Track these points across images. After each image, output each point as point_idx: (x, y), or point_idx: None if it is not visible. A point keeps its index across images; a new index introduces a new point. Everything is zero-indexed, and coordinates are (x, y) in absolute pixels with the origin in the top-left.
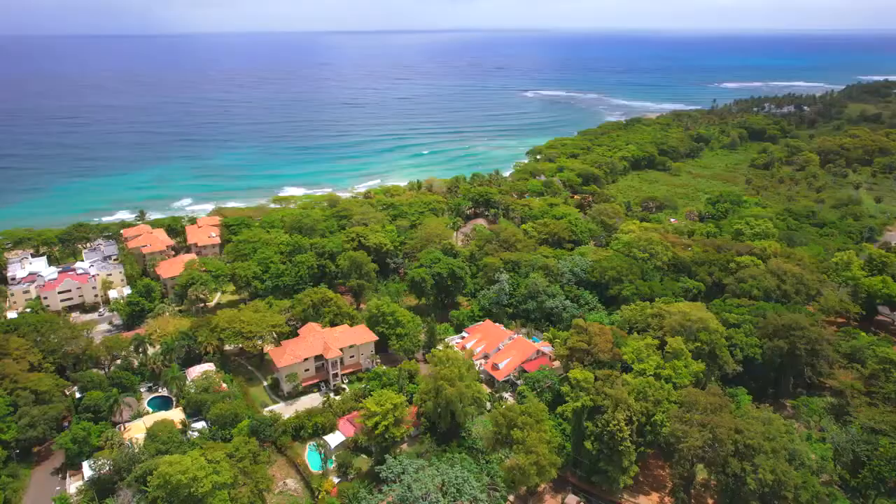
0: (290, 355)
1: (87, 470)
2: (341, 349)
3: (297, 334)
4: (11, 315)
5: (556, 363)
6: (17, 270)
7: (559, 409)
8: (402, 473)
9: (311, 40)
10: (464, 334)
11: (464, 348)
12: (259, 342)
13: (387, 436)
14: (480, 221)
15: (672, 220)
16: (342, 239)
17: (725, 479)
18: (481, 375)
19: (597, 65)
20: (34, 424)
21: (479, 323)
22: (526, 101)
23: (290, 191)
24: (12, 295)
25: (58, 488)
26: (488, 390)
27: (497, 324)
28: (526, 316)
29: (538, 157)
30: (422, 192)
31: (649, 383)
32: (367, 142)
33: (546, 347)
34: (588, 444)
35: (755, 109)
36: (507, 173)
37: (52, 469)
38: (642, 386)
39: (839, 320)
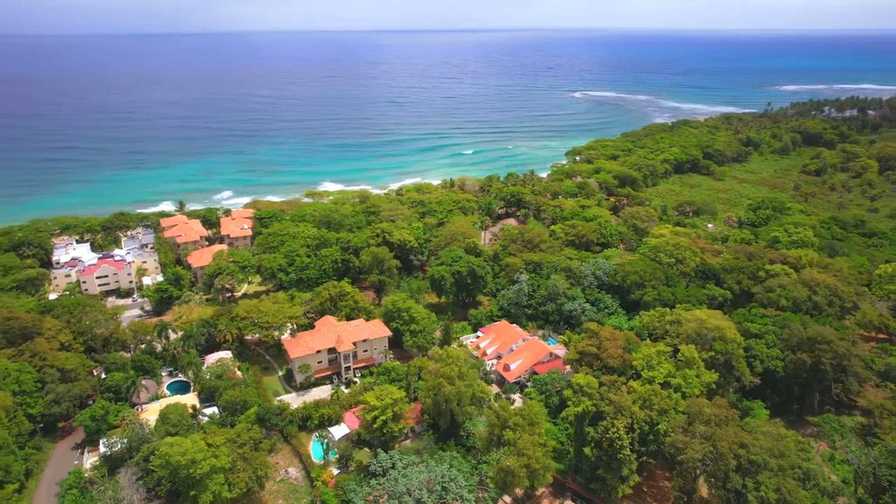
0: (303, 346)
1: (102, 447)
2: (354, 343)
3: (313, 326)
4: (53, 297)
5: (569, 367)
6: (61, 255)
7: (563, 413)
8: (392, 468)
9: (363, 40)
10: (479, 333)
11: (477, 347)
12: (276, 333)
13: (384, 430)
14: (511, 222)
15: (709, 225)
16: (367, 234)
17: (726, 494)
18: (492, 375)
19: (650, 66)
20: (59, 401)
21: (494, 323)
22: (573, 101)
23: (327, 186)
24: (55, 278)
25: (76, 462)
26: (497, 390)
27: (513, 325)
28: (545, 318)
29: (577, 158)
30: (453, 190)
31: (655, 391)
32: (408, 140)
33: (560, 350)
34: (587, 451)
35: (813, 113)
36: (544, 174)
37: (74, 444)
38: (648, 394)
39: (879, 336)
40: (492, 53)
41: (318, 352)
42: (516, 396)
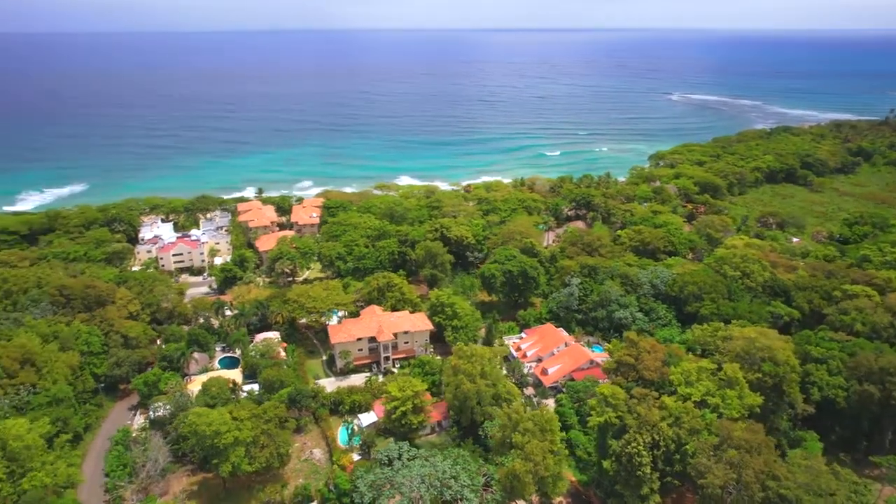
0: (344, 333)
1: (150, 411)
2: (395, 334)
3: (359, 314)
4: (135, 269)
5: (608, 376)
6: (146, 232)
7: (589, 423)
8: (398, 458)
9: (461, 38)
10: (522, 335)
11: (519, 348)
12: (323, 318)
13: (403, 421)
14: (579, 224)
15: (794, 239)
16: (426, 229)
17: None
18: (529, 378)
19: (758, 68)
20: (120, 364)
21: (540, 325)
22: (670, 104)
23: (404, 180)
24: (138, 253)
25: (128, 422)
26: (530, 393)
27: (559, 329)
28: (595, 324)
29: (660, 162)
30: (522, 189)
31: (687, 409)
32: (493, 139)
33: (603, 359)
34: (606, 464)
35: None
36: (623, 177)
37: (130, 406)
38: (679, 411)
39: None
40: (589, 53)
41: (359, 339)
42: (549, 401)
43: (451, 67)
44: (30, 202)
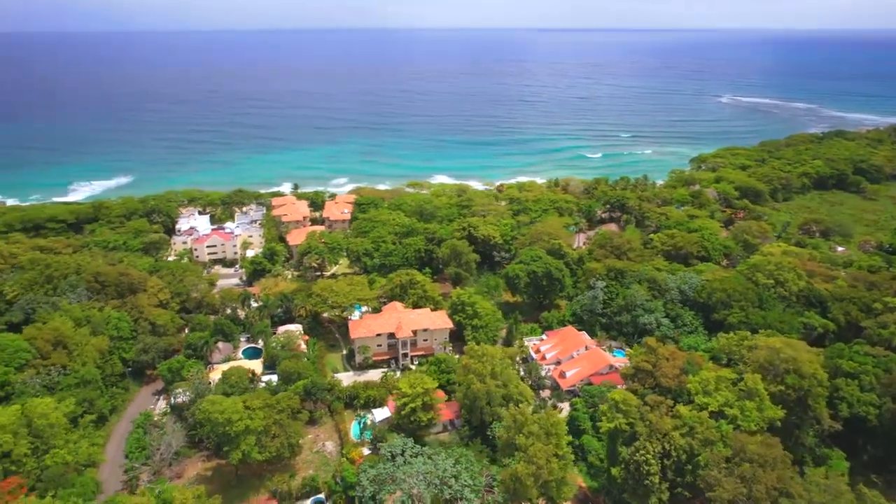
0: (363, 328)
1: (171, 396)
2: (414, 331)
3: (380, 310)
4: (170, 259)
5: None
6: (183, 224)
7: (600, 427)
8: (401, 454)
9: (504, 37)
10: (543, 336)
11: (538, 350)
12: (345, 312)
13: (413, 418)
14: (612, 227)
15: (839, 248)
16: (454, 227)
17: None
18: (547, 381)
19: (814, 69)
20: (147, 350)
21: (561, 328)
22: (719, 107)
23: (440, 179)
24: (174, 244)
25: (151, 406)
26: (545, 395)
27: (581, 332)
28: (619, 329)
29: (701, 165)
30: (556, 190)
31: (702, 419)
32: (534, 140)
33: (623, 364)
34: (614, 471)
35: None
36: (661, 181)
37: (155, 391)
38: (693, 421)
39: None
40: (634, 54)
41: (378, 335)
42: (564, 405)
43: (495, 67)
44: (80, 193)
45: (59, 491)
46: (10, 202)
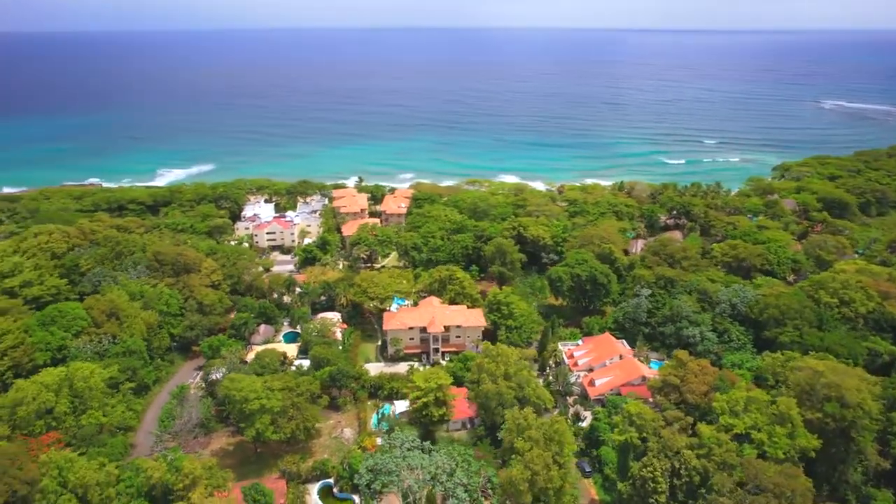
0: (397, 321)
1: (206, 372)
2: (447, 327)
3: (417, 304)
4: (231, 243)
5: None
6: (248, 210)
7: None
8: (399, 447)
9: (600, 38)
10: (579, 342)
11: (572, 356)
12: (384, 304)
13: (425, 412)
14: (676, 234)
15: None
16: (504, 226)
17: None
18: (576, 388)
19: None
20: (192, 327)
21: (598, 335)
22: (819, 113)
23: (502, 178)
24: (237, 229)
25: (189, 380)
26: (572, 402)
27: (619, 340)
28: (661, 339)
29: (784, 174)
30: (620, 194)
31: (721, 441)
32: (609, 143)
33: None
34: (621, 486)
35: None
36: (736, 189)
37: (197, 366)
38: (712, 442)
39: None
40: (730, 56)
41: (411, 328)
42: (587, 413)
43: (581, 68)
44: (165, 178)
45: (90, 449)
46: (106, 185)
